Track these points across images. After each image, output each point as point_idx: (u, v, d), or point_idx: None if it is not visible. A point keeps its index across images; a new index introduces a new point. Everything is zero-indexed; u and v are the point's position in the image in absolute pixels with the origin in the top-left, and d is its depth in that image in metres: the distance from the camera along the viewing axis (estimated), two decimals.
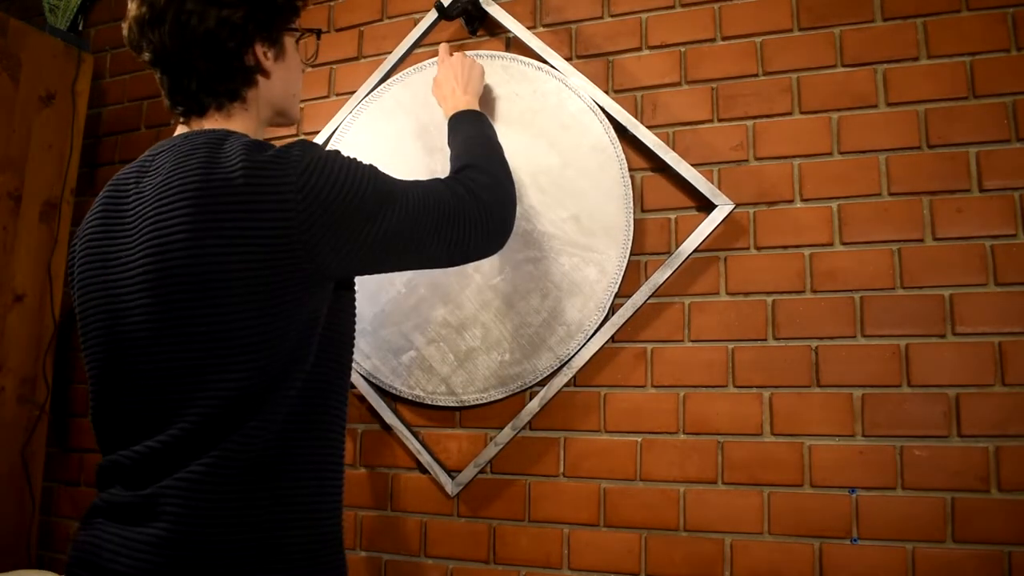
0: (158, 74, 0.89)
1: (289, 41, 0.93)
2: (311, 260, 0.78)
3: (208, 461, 0.75)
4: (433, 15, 1.53)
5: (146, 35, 0.86)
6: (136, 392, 0.80)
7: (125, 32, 0.89)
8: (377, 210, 0.83)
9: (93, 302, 0.84)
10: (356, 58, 1.69)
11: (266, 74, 0.90)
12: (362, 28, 1.70)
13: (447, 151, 1.48)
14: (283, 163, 0.78)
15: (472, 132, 1.16)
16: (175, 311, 0.77)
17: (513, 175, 1.10)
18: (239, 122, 0.89)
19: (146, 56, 0.88)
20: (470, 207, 0.95)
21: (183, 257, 0.76)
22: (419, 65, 1.55)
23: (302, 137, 0.80)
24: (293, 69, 0.95)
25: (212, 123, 0.88)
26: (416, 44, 1.57)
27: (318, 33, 1.01)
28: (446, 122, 1.22)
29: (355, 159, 0.86)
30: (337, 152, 0.84)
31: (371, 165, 0.87)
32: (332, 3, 1.74)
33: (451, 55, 1.35)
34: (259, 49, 0.88)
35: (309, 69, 1.71)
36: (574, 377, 1.37)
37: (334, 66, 1.71)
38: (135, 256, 0.80)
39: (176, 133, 0.90)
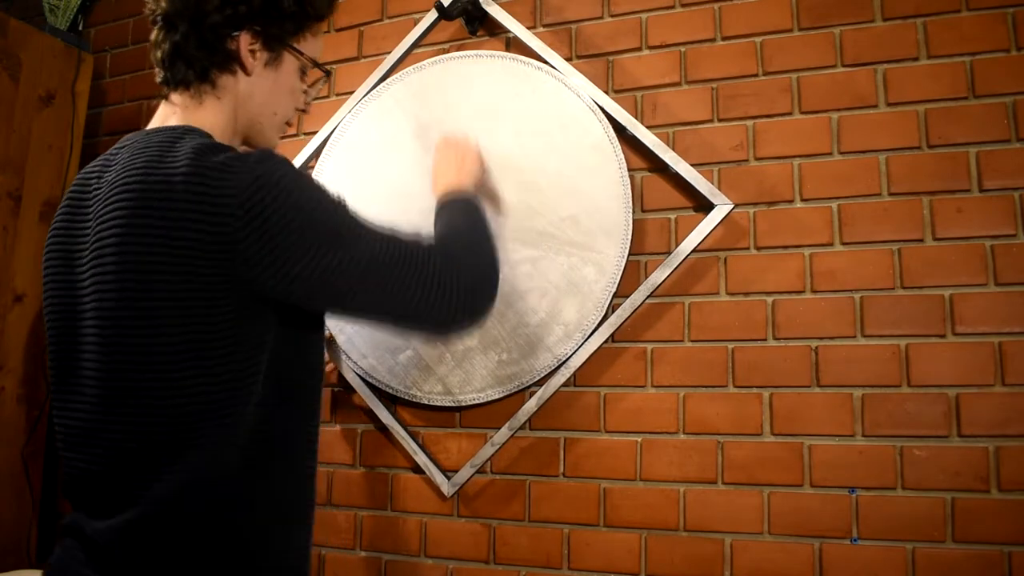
0: (152, 31, 0.86)
1: (289, 59, 0.88)
2: (247, 279, 0.72)
3: (143, 502, 0.71)
4: (433, 15, 1.53)
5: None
6: (81, 402, 0.77)
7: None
8: (325, 242, 0.75)
9: (55, 301, 0.81)
10: (356, 58, 1.69)
11: (245, 70, 0.84)
12: (362, 28, 1.70)
13: None
14: (233, 170, 0.72)
15: (460, 213, 1.04)
16: (108, 321, 0.74)
17: (498, 263, 0.97)
18: (208, 112, 0.84)
19: (149, 5, 0.85)
20: (442, 276, 0.84)
21: (112, 263, 0.73)
22: (419, 65, 1.55)
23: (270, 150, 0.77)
24: (282, 88, 0.89)
25: (182, 107, 0.84)
26: (416, 44, 1.57)
27: (326, 72, 0.95)
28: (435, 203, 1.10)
29: (323, 188, 0.79)
30: (302, 174, 0.77)
31: (340, 200, 0.80)
32: None
33: (448, 142, 1.26)
34: (246, 40, 0.83)
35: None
36: (574, 377, 1.37)
37: (334, 66, 1.71)
38: (87, 257, 0.77)
39: (149, 124, 0.87)
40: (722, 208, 1.29)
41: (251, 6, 0.82)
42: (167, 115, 0.86)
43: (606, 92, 1.44)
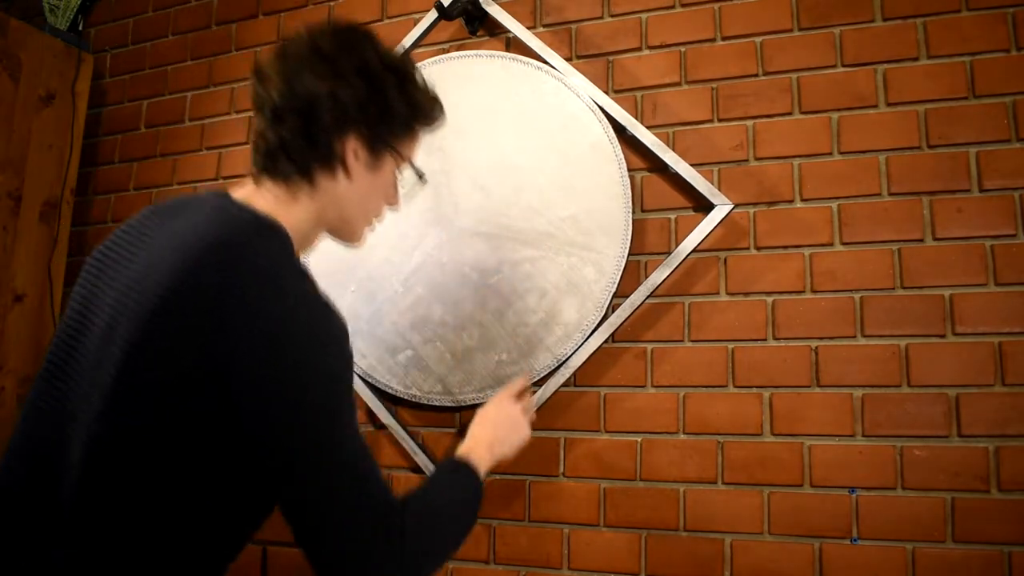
0: (257, 117, 0.84)
1: (389, 162, 0.87)
2: (242, 409, 0.68)
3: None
4: (433, 15, 1.53)
5: (267, 71, 0.82)
6: (52, 435, 0.74)
7: (252, 80, 0.85)
8: (324, 417, 0.71)
9: (79, 311, 0.79)
10: None
11: (347, 172, 0.83)
12: None
13: (446, 150, 1.49)
14: (294, 306, 0.70)
15: (459, 488, 0.94)
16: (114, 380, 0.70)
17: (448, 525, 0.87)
18: (299, 209, 0.82)
19: (255, 92, 0.83)
20: (388, 534, 0.73)
21: (138, 320, 0.69)
22: (419, 64, 1.55)
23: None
24: (379, 189, 0.88)
25: (273, 197, 0.82)
26: (416, 44, 1.57)
27: (421, 176, 0.93)
28: (457, 452, 1.02)
29: (350, 368, 0.75)
30: (347, 344, 0.74)
31: (350, 385, 0.76)
32: (332, 3, 1.74)
33: (514, 400, 1.13)
34: (352, 142, 0.82)
35: None
36: (574, 377, 1.37)
37: None
38: (125, 279, 0.75)
39: (233, 191, 0.84)
40: (722, 208, 1.29)
41: (363, 109, 0.81)
42: (253, 194, 0.83)
43: (606, 92, 1.44)
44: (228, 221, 0.76)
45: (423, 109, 0.88)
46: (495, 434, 1.06)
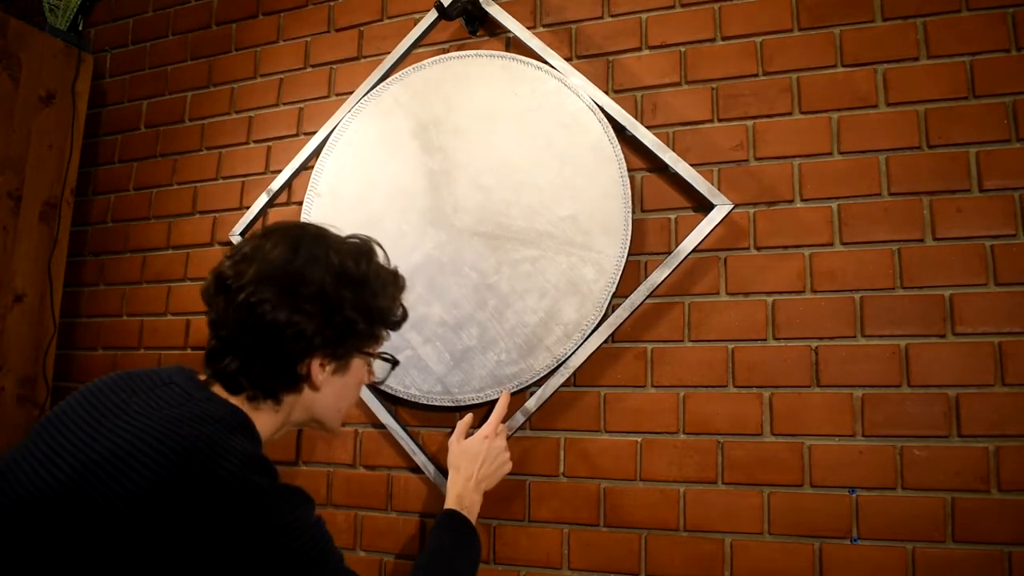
0: (211, 335, 0.83)
1: (358, 361, 0.88)
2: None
3: None
4: (433, 15, 1.53)
5: (218, 294, 0.81)
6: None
7: (206, 283, 0.83)
8: None
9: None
10: (356, 58, 1.69)
11: (315, 387, 0.84)
12: (362, 28, 1.70)
13: (446, 150, 1.49)
14: (271, 502, 0.71)
15: (462, 547, 1.03)
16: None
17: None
18: (263, 417, 0.82)
19: (211, 314, 0.82)
20: None
21: (104, 502, 0.68)
22: (419, 64, 1.56)
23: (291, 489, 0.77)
24: (351, 386, 0.89)
25: (235, 400, 0.81)
26: (416, 44, 1.57)
27: (394, 363, 0.94)
28: (445, 504, 1.11)
29: (333, 552, 0.77)
30: (326, 534, 0.76)
31: (329, 547, 0.78)
32: (332, 3, 1.74)
33: (496, 433, 1.24)
34: (317, 361, 0.82)
35: (310, 69, 1.73)
36: (574, 377, 1.37)
37: (334, 66, 1.71)
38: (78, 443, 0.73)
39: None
40: (722, 208, 1.29)
41: (326, 336, 0.81)
42: (219, 387, 0.82)
43: (606, 92, 1.44)
44: (197, 417, 0.74)
45: (383, 314, 0.88)
46: (482, 472, 1.13)
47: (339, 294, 0.82)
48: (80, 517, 0.68)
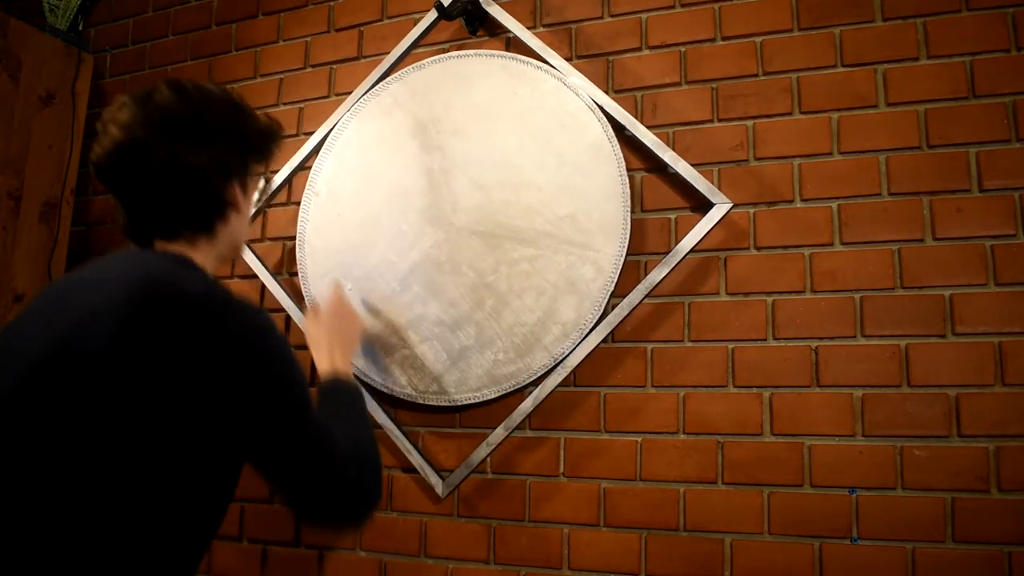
0: (122, 205, 0.87)
1: (253, 180, 0.94)
2: (204, 405, 0.74)
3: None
4: (433, 15, 1.53)
5: (123, 164, 0.83)
6: None
7: (93, 159, 0.86)
8: (283, 399, 0.78)
9: None
10: (356, 58, 1.69)
11: (238, 209, 0.91)
12: (362, 28, 1.70)
13: (445, 149, 1.49)
14: (233, 310, 0.77)
15: (350, 406, 1.07)
16: (48, 415, 0.73)
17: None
18: (202, 254, 0.89)
19: (118, 191, 0.86)
20: (344, 466, 0.84)
21: (85, 359, 0.73)
22: (418, 64, 1.56)
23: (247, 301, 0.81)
24: (251, 203, 0.96)
25: (172, 249, 0.87)
26: (416, 44, 1.57)
27: (267, 176, 1.00)
28: (321, 378, 1.14)
29: (291, 349, 0.82)
30: (281, 334, 0.82)
31: (300, 366, 0.83)
32: (332, 3, 1.74)
33: (338, 304, 1.28)
34: (236, 185, 0.89)
35: (310, 69, 1.73)
36: (574, 377, 1.37)
37: (334, 66, 1.71)
38: (49, 335, 0.76)
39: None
40: (721, 207, 1.29)
41: (232, 161, 0.87)
42: (159, 245, 0.87)
43: (606, 92, 1.43)
44: (150, 262, 0.82)
45: (268, 130, 0.94)
46: (340, 339, 1.19)
47: (235, 119, 0.89)
48: (71, 376, 0.72)
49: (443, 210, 1.48)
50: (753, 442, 1.26)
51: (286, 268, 1.67)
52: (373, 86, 1.58)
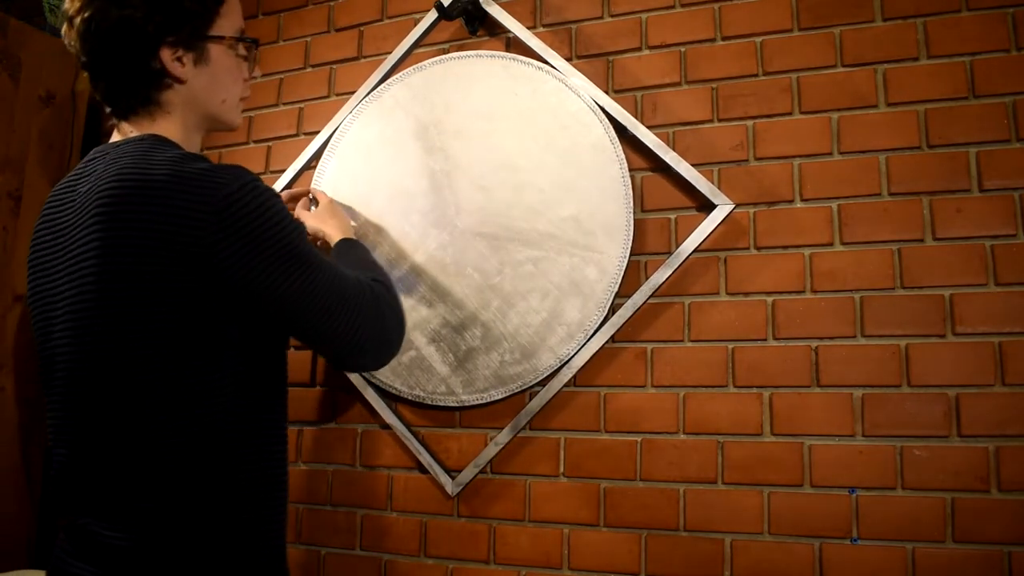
0: (91, 83, 0.89)
1: (217, 48, 0.89)
2: (218, 283, 0.76)
3: (132, 474, 0.77)
4: (433, 15, 1.53)
5: (68, 34, 0.86)
6: (58, 398, 0.82)
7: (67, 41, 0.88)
8: (293, 262, 0.81)
9: (37, 312, 0.86)
10: (356, 58, 1.69)
11: (180, 80, 0.87)
12: (362, 28, 1.70)
13: (447, 151, 1.49)
14: (212, 178, 0.77)
15: (365, 255, 1.18)
16: (83, 324, 0.78)
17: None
18: (164, 126, 0.88)
19: (81, 60, 0.87)
20: (379, 306, 0.92)
21: (92, 267, 0.77)
22: (419, 65, 1.55)
23: (238, 165, 0.81)
24: (222, 75, 0.91)
25: (139, 127, 0.88)
26: (416, 44, 1.57)
27: (254, 42, 0.96)
28: (333, 244, 1.24)
29: (287, 210, 0.84)
30: (273, 193, 0.82)
31: (298, 224, 0.85)
32: (332, 3, 1.74)
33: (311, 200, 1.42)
34: (168, 53, 0.85)
35: (311, 69, 1.73)
36: (574, 377, 1.37)
37: (334, 66, 1.71)
38: (64, 266, 0.82)
39: (112, 138, 0.90)
40: (723, 208, 1.29)
41: (156, 23, 0.84)
42: (127, 132, 0.89)
43: (606, 92, 1.44)
44: (122, 156, 0.82)
45: None
46: (338, 222, 1.31)
47: None
48: (100, 302, 0.77)
49: (446, 212, 1.48)
50: (753, 442, 1.27)
51: None
52: (375, 87, 1.58)
